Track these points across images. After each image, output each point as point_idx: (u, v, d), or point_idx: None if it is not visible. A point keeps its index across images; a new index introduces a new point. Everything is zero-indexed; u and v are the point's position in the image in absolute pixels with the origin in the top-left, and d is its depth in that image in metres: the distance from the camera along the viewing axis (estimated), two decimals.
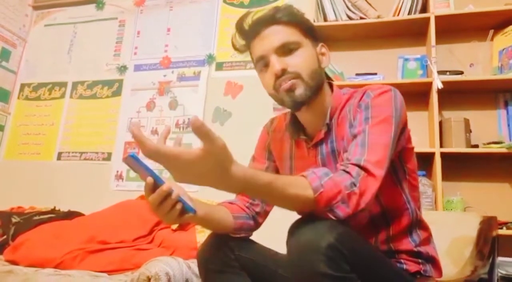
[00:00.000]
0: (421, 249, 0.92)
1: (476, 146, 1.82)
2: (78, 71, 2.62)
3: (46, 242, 1.61)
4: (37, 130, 2.59)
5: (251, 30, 0.91)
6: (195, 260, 1.01)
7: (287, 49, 0.88)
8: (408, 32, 2.04)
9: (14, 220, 1.90)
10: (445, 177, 1.73)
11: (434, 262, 0.94)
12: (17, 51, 2.74)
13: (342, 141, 0.90)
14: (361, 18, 2.01)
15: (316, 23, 2.01)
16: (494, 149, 1.75)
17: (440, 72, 1.85)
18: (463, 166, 1.85)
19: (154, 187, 0.73)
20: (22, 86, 2.71)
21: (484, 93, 1.92)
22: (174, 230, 1.64)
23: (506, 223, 1.66)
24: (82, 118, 2.52)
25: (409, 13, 1.95)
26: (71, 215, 1.97)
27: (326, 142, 0.92)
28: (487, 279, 1.14)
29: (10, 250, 1.65)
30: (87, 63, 2.61)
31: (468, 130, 1.81)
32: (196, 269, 1.25)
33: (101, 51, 2.60)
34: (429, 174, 1.84)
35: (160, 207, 0.74)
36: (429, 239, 0.96)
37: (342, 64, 2.04)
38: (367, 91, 0.88)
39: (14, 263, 1.57)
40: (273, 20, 0.89)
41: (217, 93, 2.29)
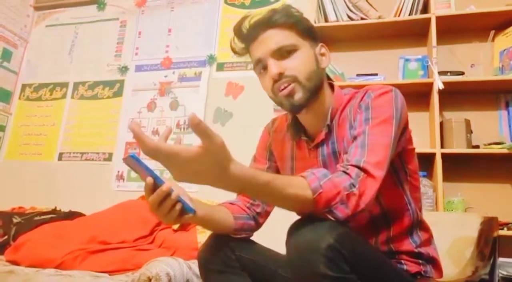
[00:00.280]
0: (422, 250, 0.91)
1: (477, 147, 1.82)
2: (79, 72, 2.62)
3: (47, 242, 1.61)
4: (38, 131, 2.60)
5: (248, 34, 0.92)
6: (195, 261, 1.01)
7: (284, 52, 0.88)
8: (409, 33, 2.04)
9: (15, 220, 1.90)
10: (446, 178, 1.73)
11: (434, 263, 0.94)
12: (18, 51, 2.74)
13: (342, 142, 0.90)
14: (362, 18, 2.01)
15: (317, 24, 2.01)
16: (495, 149, 1.75)
17: (441, 73, 1.85)
18: (464, 166, 1.85)
19: (154, 187, 0.73)
20: (24, 86, 2.72)
21: (485, 94, 1.92)
22: (175, 231, 1.64)
23: (507, 224, 1.66)
24: (83, 118, 2.53)
25: (410, 13, 1.95)
26: (72, 215, 1.98)
27: (327, 143, 0.92)
28: (488, 280, 1.14)
29: (11, 250, 1.65)
30: (88, 63, 2.62)
31: (469, 131, 1.81)
32: (196, 270, 1.25)
33: (102, 52, 2.60)
34: (430, 174, 1.84)
35: (160, 207, 0.74)
36: (430, 240, 0.96)
37: (343, 65, 2.05)
38: (368, 92, 0.88)
39: (15, 263, 1.58)
40: (270, 23, 0.89)
41: (218, 94, 2.30)
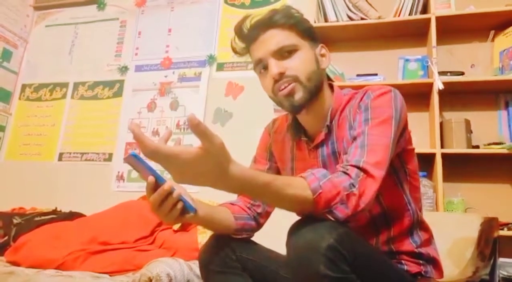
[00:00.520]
0: (422, 250, 0.92)
1: (477, 147, 1.82)
2: (79, 72, 2.62)
3: (48, 243, 1.61)
4: (38, 131, 2.60)
5: (249, 34, 0.92)
6: (196, 261, 1.01)
7: (284, 53, 0.88)
8: (409, 33, 2.05)
9: (15, 221, 1.90)
10: (446, 178, 1.73)
11: (435, 263, 0.94)
12: (18, 51, 2.74)
13: (342, 142, 0.90)
14: (362, 19, 2.01)
15: (316, 24, 2.01)
16: (495, 149, 1.75)
17: (441, 73, 1.85)
18: (464, 166, 1.85)
19: (155, 186, 0.73)
20: (23, 86, 2.72)
21: (485, 94, 1.92)
22: (176, 231, 1.64)
23: (507, 224, 1.66)
24: (83, 119, 2.53)
25: (410, 13, 1.95)
26: (72, 216, 1.97)
27: (327, 143, 0.92)
28: (489, 280, 1.14)
29: (11, 251, 1.65)
30: (88, 63, 2.62)
31: (469, 131, 1.81)
32: (197, 270, 1.25)
33: (102, 52, 2.60)
34: (430, 174, 1.84)
35: (161, 206, 0.74)
36: (430, 240, 0.96)
37: (343, 65, 2.05)
38: (368, 92, 0.88)
39: (15, 264, 1.57)
40: (270, 23, 0.89)
41: (218, 94, 2.30)
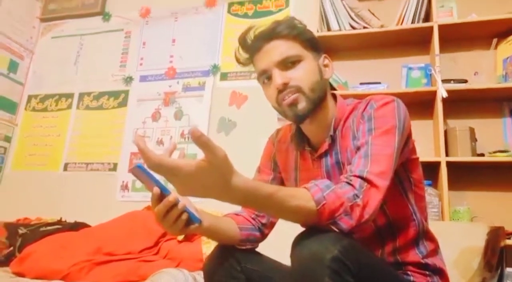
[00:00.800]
0: (429, 261, 0.91)
1: (482, 155, 1.81)
2: (84, 82, 2.65)
3: (53, 253, 1.61)
4: (44, 141, 2.62)
5: (253, 45, 0.93)
6: (200, 272, 1.01)
7: (288, 63, 0.89)
8: (412, 41, 2.05)
9: (20, 232, 1.91)
10: (451, 186, 1.72)
11: (441, 274, 0.93)
12: (24, 63, 2.78)
13: (346, 152, 0.90)
14: (364, 27, 2.02)
15: (319, 33, 2.02)
16: (500, 157, 1.74)
17: (444, 81, 1.85)
18: (469, 175, 1.84)
19: (160, 197, 0.74)
20: (29, 97, 2.75)
21: (489, 102, 1.92)
22: (180, 242, 1.64)
23: None
24: (88, 129, 2.55)
25: (413, 22, 1.96)
26: (77, 226, 1.98)
27: (331, 153, 0.93)
28: None
29: (16, 261, 1.66)
30: (94, 74, 2.65)
31: (474, 139, 1.80)
32: (202, 281, 1.24)
33: (107, 62, 2.63)
34: (435, 183, 1.83)
35: (166, 217, 0.75)
36: (436, 251, 0.95)
37: (346, 74, 2.05)
38: (371, 102, 0.89)
39: (20, 275, 1.58)
40: (274, 34, 0.90)
41: (222, 103, 2.31)
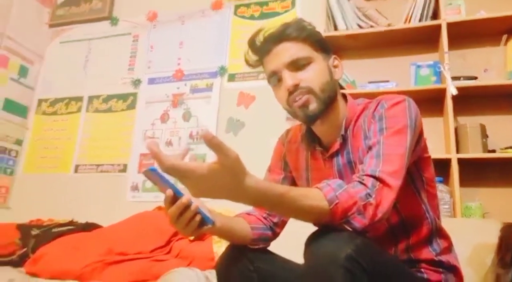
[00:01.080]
0: (442, 258, 0.90)
1: (493, 151, 1.79)
2: (93, 86, 2.68)
3: (66, 254, 1.64)
4: (55, 144, 2.65)
5: (262, 47, 0.93)
6: (212, 271, 1.01)
7: (298, 65, 0.89)
8: (420, 39, 2.04)
9: (33, 233, 1.93)
10: (462, 183, 1.71)
11: (455, 271, 0.93)
12: (34, 67, 2.82)
13: (358, 152, 0.90)
14: (371, 27, 2.01)
15: (326, 33, 2.02)
16: (511, 153, 1.73)
17: (454, 78, 1.83)
18: (481, 171, 1.83)
19: (173, 200, 0.74)
20: (40, 101, 2.79)
21: (499, 98, 1.90)
22: (191, 241, 1.65)
23: None
24: (98, 131, 2.58)
25: (420, 20, 1.95)
26: (88, 226, 2.00)
27: (342, 153, 0.93)
28: None
29: (30, 262, 1.68)
30: (102, 78, 2.67)
31: (485, 135, 1.79)
32: (213, 280, 1.25)
33: (115, 66, 2.66)
34: (446, 180, 1.82)
35: (180, 219, 0.75)
36: (449, 248, 0.95)
37: (354, 73, 2.05)
38: (381, 102, 0.89)
39: (34, 275, 1.60)
40: (283, 36, 0.91)
41: (230, 104, 2.32)
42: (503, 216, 1.62)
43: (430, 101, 1.89)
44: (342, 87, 1.91)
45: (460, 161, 1.73)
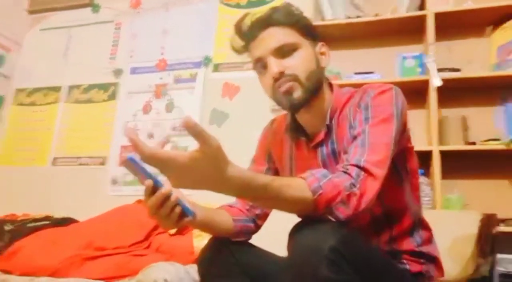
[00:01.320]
0: (423, 249, 0.91)
1: (474, 143, 1.81)
2: (73, 75, 2.60)
3: (42, 249, 1.59)
4: (32, 136, 2.57)
5: (249, 32, 0.91)
6: (193, 265, 0.99)
7: (284, 51, 0.87)
8: (407, 30, 2.03)
9: (7, 228, 1.87)
10: (443, 175, 1.73)
11: (436, 262, 0.93)
12: (11, 56, 2.71)
13: (342, 141, 0.88)
14: (359, 16, 2.00)
15: (313, 22, 1.99)
16: (491, 145, 1.75)
17: (439, 70, 1.84)
18: (461, 163, 1.85)
19: (153, 190, 0.72)
20: (17, 91, 2.69)
21: (481, 90, 1.91)
22: (172, 235, 1.62)
23: (505, 220, 1.66)
24: (77, 122, 2.51)
25: (408, 11, 1.94)
26: (65, 221, 1.95)
27: (327, 143, 0.91)
28: (488, 277, 1.13)
29: (3, 258, 1.62)
30: (83, 67, 2.59)
31: (466, 127, 1.81)
32: (194, 274, 1.23)
33: (97, 55, 2.58)
34: (427, 172, 1.83)
35: (159, 210, 0.72)
36: (430, 239, 0.95)
37: (340, 63, 2.03)
38: (368, 91, 0.87)
39: (8, 272, 1.54)
40: (270, 21, 0.88)
41: (214, 95, 2.28)
42: (482, 207, 1.64)
43: (414, 93, 1.88)
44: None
45: (441, 153, 1.75)
